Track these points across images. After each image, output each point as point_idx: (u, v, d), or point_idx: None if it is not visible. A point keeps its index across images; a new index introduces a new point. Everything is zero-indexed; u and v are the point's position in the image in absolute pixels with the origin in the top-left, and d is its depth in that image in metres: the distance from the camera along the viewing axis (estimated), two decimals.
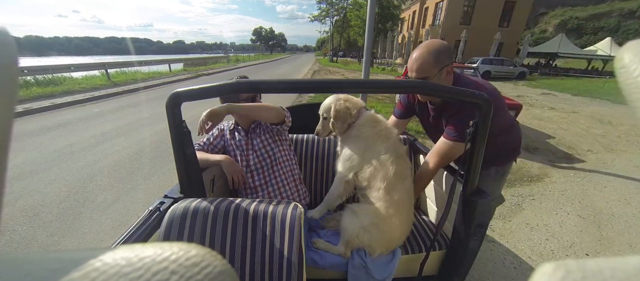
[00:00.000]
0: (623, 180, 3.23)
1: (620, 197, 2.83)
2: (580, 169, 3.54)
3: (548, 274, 0.11)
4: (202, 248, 0.11)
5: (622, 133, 5.18)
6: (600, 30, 50.82)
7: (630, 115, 5.96)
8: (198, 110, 1.32)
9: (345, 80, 0.89)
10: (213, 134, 1.49)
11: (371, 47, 3.52)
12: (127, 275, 0.10)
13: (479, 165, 1.03)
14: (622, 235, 2.25)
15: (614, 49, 21.31)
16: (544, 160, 3.79)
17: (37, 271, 0.10)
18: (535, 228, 2.32)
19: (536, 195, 2.86)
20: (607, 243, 2.15)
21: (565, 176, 3.32)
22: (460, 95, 0.91)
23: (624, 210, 2.61)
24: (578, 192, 2.93)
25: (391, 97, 7.99)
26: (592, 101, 8.89)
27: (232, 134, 1.48)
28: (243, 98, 1.40)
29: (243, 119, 1.45)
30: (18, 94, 0.14)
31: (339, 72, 18.27)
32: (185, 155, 1.00)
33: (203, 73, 15.12)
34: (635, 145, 4.57)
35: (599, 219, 2.45)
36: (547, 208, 2.62)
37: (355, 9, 28.28)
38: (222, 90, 0.86)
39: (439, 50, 1.14)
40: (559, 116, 6.57)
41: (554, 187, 3.05)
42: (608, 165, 3.69)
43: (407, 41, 25.30)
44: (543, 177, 3.28)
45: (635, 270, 0.10)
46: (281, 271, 0.86)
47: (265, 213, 0.91)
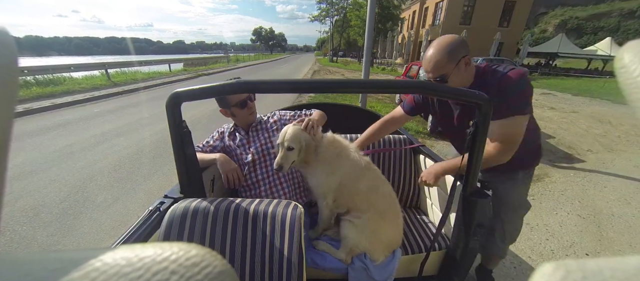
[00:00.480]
0: (623, 180, 3.23)
1: (620, 197, 2.83)
2: (580, 169, 3.54)
3: (548, 274, 0.11)
4: (202, 248, 0.11)
5: (622, 133, 5.18)
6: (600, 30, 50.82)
7: (631, 115, 5.96)
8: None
9: (345, 80, 0.89)
10: (213, 136, 1.49)
11: (371, 47, 3.53)
12: (127, 275, 0.10)
13: (479, 165, 1.03)
14: (622, 234, 2.25)
15: (614, 49, 21.32)
16: (544, 160, 3.79)
17: (37, 271, 0.10)
18: (535, 228, 2.32)
19: (536, 195, 2.86)
20: (607, 243, 2.15)
21: (565, 176, 3.32)
22: (461, 95, 0.91)
23: (624, 209, 2.61)
24: (578, 192, 2.93)
25: (391, 97, 7.99)
26: (592, 101, 8.89)
27: (233, 135, 1.48)
28: (242, 99, 1.39)
29: (242, 120, 1.46)
30: (18, 94, 0.14)
31: (339, 71, 18.28)
32: (185, 155, 1.00)
33: (203, 73, 15.13)
34: (635, 145, 4.57)
35: (599, 219, 2.45)
36: (547, 208, 2.62)
37: (355, 9, 28.30)
38: (222, 90, 0.86)
39: (452, 45, 1.11)
40: (559, 116, 6.57)
41: (554, 186, 3.05)
42: (608, 165, 3.69)
43: (407, 41, 25.30)
44: (543, 177, 3.28)
45: (635, 270, 0.10)
46: (281, 271, 0.86)
47: (265, 213, 0.91)
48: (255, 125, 1.48)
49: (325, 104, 2.26)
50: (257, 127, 1.48)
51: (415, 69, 6.02)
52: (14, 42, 0.14)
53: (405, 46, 29.54)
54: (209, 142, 1.47)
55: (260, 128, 1.48)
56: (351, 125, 1.89)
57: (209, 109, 5.82)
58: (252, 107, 1.44)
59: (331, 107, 2.14)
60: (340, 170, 1.24)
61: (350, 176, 1.24)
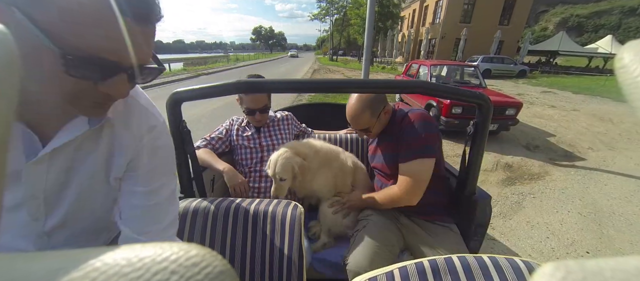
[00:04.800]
0: (624, 178, 3.22)
1: (621, 195, 2.83)
2: (581, 167, 3.54)
3: (548, 274, 0.11)
4: (202, 248, 0.11)
5: (623, 131, 5.17)
6: (601, 28, 50.69)
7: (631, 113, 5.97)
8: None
9: (345, 80, 0.89)
10: (221, 131, 1.47)
11: (371, 46, 3.52)
12: (127, 275, 0.10)
13: (479, 165, 1.03)
14: (623, 233, 2.25)
15: (615, 47, 21.29)
16: (544, 158, 3.79)
17: (37, 271, 0.10)
18: (535, 226, 2.32)
19: (536, 193, 2.86)
20: (608, 241, 2.15)
21: (565, 174, 3.32)
22: (461, 96, 0.91)
23: (625, 208, 2.60)
24: (579, 190, 2.93)
25: (391, 97, 7.98)
26: (592, 99, 8.87)
27: (243, 129, 1.47)
28: (250, 108, 1.38)
29: (258, 124, 1.47)
30: (18, 94, 0.14)
31: (339, 70, 18.26)
32: (186, 155, 1.01)
33: (203, 73, 15.10)
34: (636, 142, 4.56)
35: (599, 217, 2.45)
36: (547, 206, 2.62)
37: (355, 8, 28.22)
38: (222, 90, 0.86)
39: (371, 101, 1.13)
40: (559, 114, 6.56)
41: (554, 185, 3.05)
42: (609, 163, 3.68)
43: (407, 39, 25.25)
44: (544, 175, 3.27)
45: (636, 270, 0.10)
46: (281, 271, 0.86)
47: (265, 213, 0.92)
48: (268, 123, 1.50)
49: (325, 104, 2.26)
50: (269, 124, 1.50)
51: (415, 68, 6.02)
52: (14, 42, 0.14)
53: (405, 45, 29.51)
54: (217, 135, 1.45)
55: (272, 126, 1.50)
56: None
57: (209, 109, 5.82)
58: (260, 118, 1.42)
59: (331, 106, 2.14)
60: (333, 160, 1.34)
61: (338, 160, 1.36)
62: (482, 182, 3.04)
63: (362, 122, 1.16)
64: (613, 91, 9.81)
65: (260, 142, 1.43)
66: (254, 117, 1.40)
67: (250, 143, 1.42)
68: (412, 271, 0.62)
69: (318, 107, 2.20)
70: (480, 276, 0.61)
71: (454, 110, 4.05)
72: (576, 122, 5.81)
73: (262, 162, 1.39)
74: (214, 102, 6.06)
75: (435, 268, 0.63)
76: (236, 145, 1.44)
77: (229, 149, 1.47)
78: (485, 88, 5.07)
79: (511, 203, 2.65)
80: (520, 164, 3.56)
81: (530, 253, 2.01)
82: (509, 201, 2.69)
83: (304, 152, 1.27)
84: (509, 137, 4.64)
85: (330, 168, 1.32)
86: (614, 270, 0.10)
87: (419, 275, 0.62)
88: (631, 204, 2.67)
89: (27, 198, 0.52)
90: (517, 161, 3.65)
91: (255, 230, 0.90)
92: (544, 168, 3.48)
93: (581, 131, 5.16)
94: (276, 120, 1.53)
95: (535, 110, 6.98)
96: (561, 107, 7.47)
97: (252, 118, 1.42)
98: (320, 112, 2.06)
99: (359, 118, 1.15)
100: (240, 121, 1.50)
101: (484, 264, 0.63)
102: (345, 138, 1.71)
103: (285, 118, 1.57)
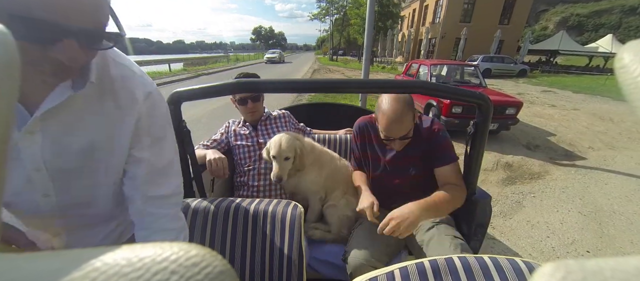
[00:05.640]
0: (624, 177, 3.22)
1: (621, 194, 2.83)
2: (581, 166, 3.53)
3: (548, 274, 0.11)
4: (202, 248, 0.11)
5: (624, 130, 5.17)
6: (602, 27, 50.64)
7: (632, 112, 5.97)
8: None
9: (345, 80, 0.89)
10: (217, 135, 1.49)
11: (371, 46, 3.52)
12: (127, 275, 0.10)
13: (479, 165, 1.03)
14: (624, 232, 2.25)
15: (616, 46, 21.24)
16: (544, 158, 3.78)
17: (37, 271, 0.10)
18: (536, 225, 2.32)
19: (537, 193, 2.85)
20: (608, 241, 2.15)
21: (566, 173, 3.32)
22: (461, 95, 0.91)
23: (626, 207, 2.60)
24: (579, 189, 2.93)
25: None
26: (593, 98, 8.87)
27: (239, 129, 1.48)
28: (242, 97, 1.39)
29: (246, 116, 1.48)
30: (18, 94, 0.14)
31: (339, 70, 18.25)
32: (185, 154, 1.01)
33: (203, 73, 15.11)
34: (637, 142, 4.56)
35: (600, 216, 2.45)
36: (548, 206, 2.62)
37: (355, 7, 28.20)
38: (222, 90, 0.86)
39: (410, 101, 1.05)
40: (559, 113, 6.55)
41: (554, 184, 3.05)
42: (609, 162, 3.68)
43: (407, 39, 25.22)
44: (544, 175, 3.27)
45: (636, 270, 0.10)
46: (281, 270, 0.86)
47: (265, 212, 0.92)
48: (265, 119, 1.50)
49: (325, 103, 2.26)
50: (266, 122, 1.50)
51: (415, 67, 6.01)
52: (14, 42, 0.14)
53: (405, 44, 29.48)
54: (215, 139, 1.47)
55: (268, 123, 1.50)
56: (351, 124, 1.89)
57: (209, 108, 5.82)
58: (252, 108, 1.43)
59: (331, 106, 2.14)
60: (326, 164, 1.35)
61: (330, 165, 1.37)
62: (482, 181, 3.04)
63: (405, 126, 1.02)
64: (613, 90, 9.79)
65: (257, 139, 1.43)
66: (247, 107, 1.41)
67: (247, 141, 1.43)
68: (412, 271, 0.62)
69: (318, 107, 2.20)
70: (481, 276, 0.61)
71: (454, 110, 4.05)
72: (576, 121, 5.80)
73: (260, 160, 1.39)
74: (214, 102, 6.06)
75: (435, 268, 0.63)
76: (234, 145, 1.44)
77: (227, 149, 1.48)
78: (486, 88, 5.07)
79: (511, 203, 2.65)
80: (521, 163, 3.55)
81: (531, 253, 2.01)
82: (509, 200, 2.69)
83: (302, 141, 1.30)
84: (509, 137, 4.64)
85: (321, 169, 1.33)
86: (614, 269, 0.10)
87: (420, 275, 0.62)
88: (632, 203, 2.66)
89: (32, 172, 0.53)
90: (517, 160, 3.65)
91: (255, 229, 0.90)
92: (544, 167, 3.48)
93: (581, 130, 5.16)
94: (273, 118, 1.53)
95: (535, 109, 6.97)
96: (561, 106, 7.47)
97: (244, 108, 1.42)
98: (320, 112, 2.06)
99: (403, 121, 1.00)
100: (237, 122, 1.52)
101: (484, 264, 0.63)
102: (345, 138, 1.71)
103: (282, 116, 1.57)
